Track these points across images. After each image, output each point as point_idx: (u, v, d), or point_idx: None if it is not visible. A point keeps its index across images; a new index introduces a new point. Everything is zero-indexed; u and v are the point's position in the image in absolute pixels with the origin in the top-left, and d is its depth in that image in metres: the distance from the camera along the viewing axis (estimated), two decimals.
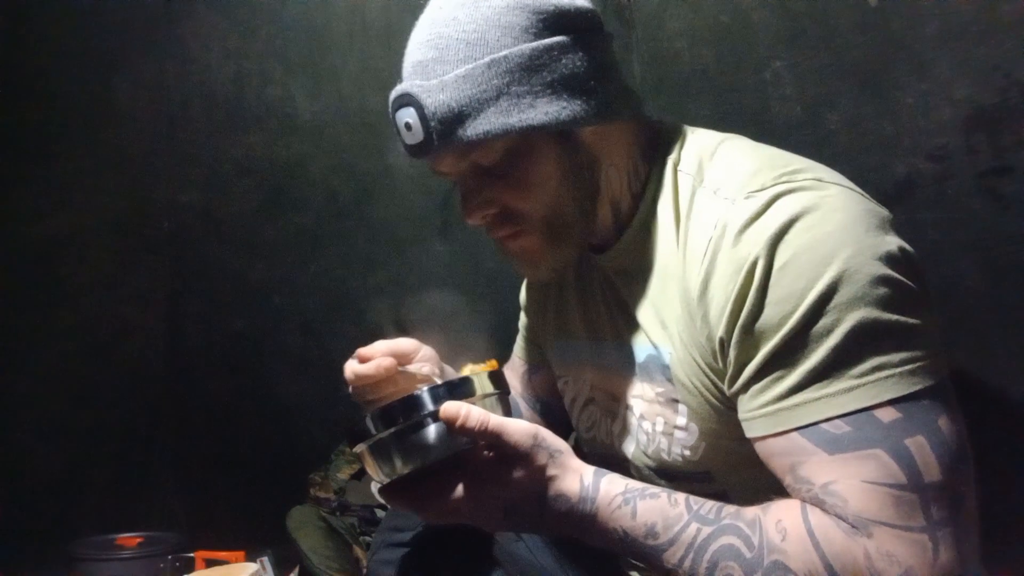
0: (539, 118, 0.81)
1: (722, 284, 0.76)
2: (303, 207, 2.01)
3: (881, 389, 0.69)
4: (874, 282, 0.70)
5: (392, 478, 0.76)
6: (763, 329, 0.73)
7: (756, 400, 0.75)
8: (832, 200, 0.75)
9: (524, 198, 0.85)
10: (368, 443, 0.75)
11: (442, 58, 0.81)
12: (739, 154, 0.85)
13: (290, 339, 2.01)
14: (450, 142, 0.81)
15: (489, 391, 0.78)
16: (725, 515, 0.73)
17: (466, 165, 0.86)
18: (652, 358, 0.87)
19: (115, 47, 2.07)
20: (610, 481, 0.76)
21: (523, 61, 0.81)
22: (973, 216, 1.16)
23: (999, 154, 1.14)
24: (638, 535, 0.74)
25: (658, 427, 0.88)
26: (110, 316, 2.07)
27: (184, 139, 2.07)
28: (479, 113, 0.80)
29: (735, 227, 0.76)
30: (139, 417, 2.08)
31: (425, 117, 0.81)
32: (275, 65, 2.01)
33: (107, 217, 2.08)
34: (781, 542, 0.70)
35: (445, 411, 0.72)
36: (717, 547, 0.71)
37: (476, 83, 0.80)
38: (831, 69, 1.30)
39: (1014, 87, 1.12)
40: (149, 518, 1.85)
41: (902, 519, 0.67)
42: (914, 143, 1.21)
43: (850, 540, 0.68)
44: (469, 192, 0.87)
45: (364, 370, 0.90)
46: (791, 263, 0.72)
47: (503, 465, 0.74)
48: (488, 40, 0.81)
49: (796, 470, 0.72)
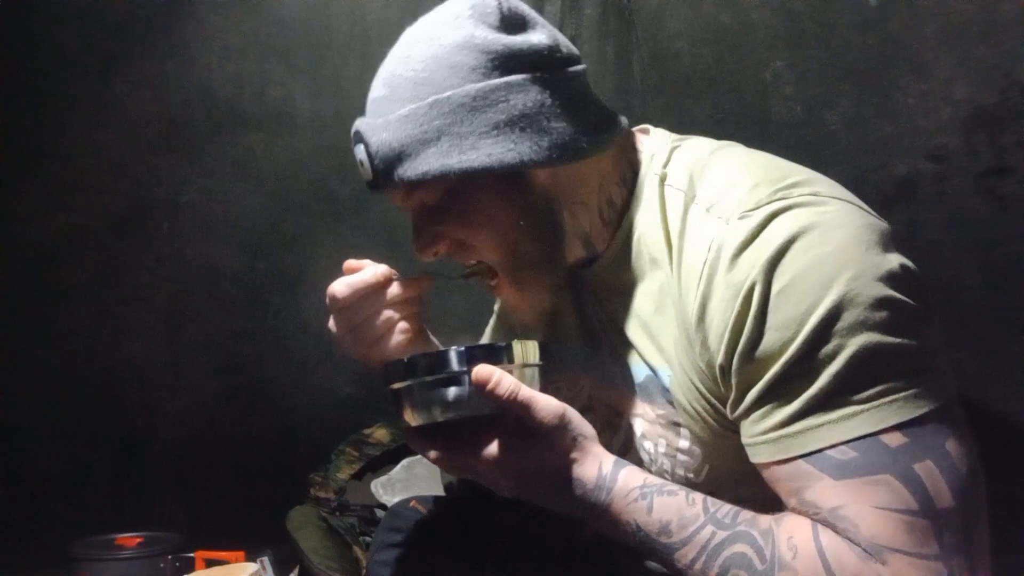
0: (480, 160, 0.79)
1: (720, 309, 0.74)
2: (303, 207, 2.01)
3: (886, 414, 0.67)
4: (876, 304, 0.68)
5: (420, 423, 0.77)
6: (763, 356, 0.71)
7: (759, 426, 0.73)
8: (830, 217, 0.72)
9: (472, 240, 0.85)
10: (404, 384, 0.76)
11: (392, 96, 0.82)
12: (732, 167, 0.82)
13: (290, 339, 2.01)
14: (391, 181, 0.82)
15: (531, 362, 0.78)
16: (741, 521, 0.72)
17: (415, 203, 0.86)
18: (651, 380, 0.86)
19: (115, 47, 2.06)
20: (629, 473, 0.75)
21: (467, 101, 0.79)
22: (973, 216, 1.16)
23: (999, 154, 1.14)
24: (652, 531, 0.73)
25: (660, 448, 0.87)
26: (110, 316, 2.07)
27: (184, 139, 2.07)
28: (419, 154, 0.80)
29: (730, 250, 0.73)
30: (139, 417, 2.08)
31: (371, 155, 0.82)
32: (275, 65, 2.01)
33: (107, 217, 2.08)
34: (792, 560, 0.69)
35: (477, 374, 0.72)
36: (730, 554, 0.70)
37: (418, 123, 0.79)
38: (831, 69, 1.30)
39: (1014, 87, 1.12)
40: (149, 518, 1.85)
41: (916, 546, 0.65)
42: (914, 143, 1.21)
43: (864, 565, 0.66)
44: (418, 229, 0.87)
45: (359, 278, 0.86)
46: (790, 287, 0.70)
47: (526, 438, 0.74)
48: (435, 80, 0.80)
49: (802, 494, 0.71)
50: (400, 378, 0.77)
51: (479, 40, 0.80)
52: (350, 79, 1.92)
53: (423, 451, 0.78)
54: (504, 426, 0.74)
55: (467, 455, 0.75)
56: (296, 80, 1.99)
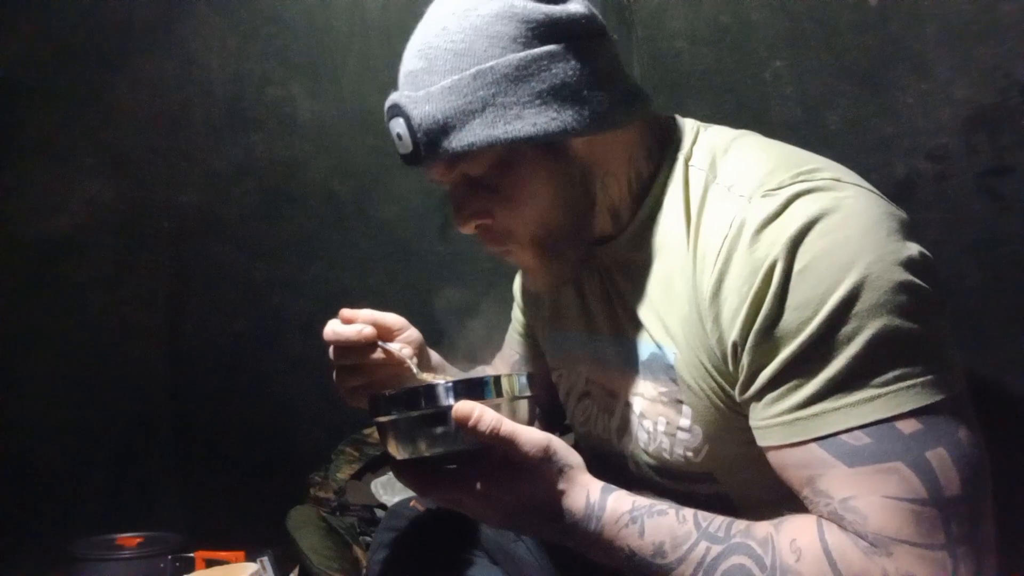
0: (526, 129, 0.79)
1: (737, 286, 0.74)
2: (303, 207, 2.01)
3: (903, 399, 0.67)
4: (896, 289, 0.68)
5: (406, 458, 0.76)
6: (781, 335, 0.71)
7: (772, 408, 0.73)
8: (852, 202, 0.72)
9: (514, 212, 0.84)
10: (389, 418, 0.76)
11: (430, 68, 0.81)
12: (754, 151, 0.83)
13: (290, 339, 2.01)
14: (435, 154, 0.81)
15: (517, 394, 0.77)
16: (735, 532, 0.72)
17: (456, 175, 0.85)
18: (655, 357, 0.86)
19: (115, 47, 2.06)
20: (617, 498, 0.75)
21: (510, 71, 0.79)
22: (973, 216, 1.16)
23: (999, 154, 1.14)
24: (646, 554, 0.73)
25: (660, 426, 0.87)
26: (110, 316, 2.07)
27: (184, 139, 2.07)
28: (464, 125, 0.79)
29: (752, 227, 0.73)
30: (139, 417, 2.08)
31: (412, 128, 0.80)
32: (275, 65, 2.01)
33: (107, 217, 2.08)
34: (795, 563, 0.68)
35: (457, 411, 0.71)
36: (727, 567, 0.70)
37: (461, 94, 0.79)
38: (831, 69, 1.30)
39: (1014, 87, 1.12)
40: (149, 518, 1.85)
41: (922, 537, 0.65)
42: (914, 143, 1.21)
43: (868, 560, 0.66)
44: (459, 202, 0.86)
45: (344, 332, 0.88)
46: (811, 267, 0.70)
47: (512, 472, 0.73)
48: (475, 50, 0.79)
49: (815, 483, 0.70)
50: (385, 412, 0.76)
51: (518, 9, 0.80)
52: (350, 79, 1.92)
53: (409, 484, 0.78)
54: (490, 460, 0.74)
55: (453, 489, 0.75)
56: (296, 80, 1.99)
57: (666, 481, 0.88)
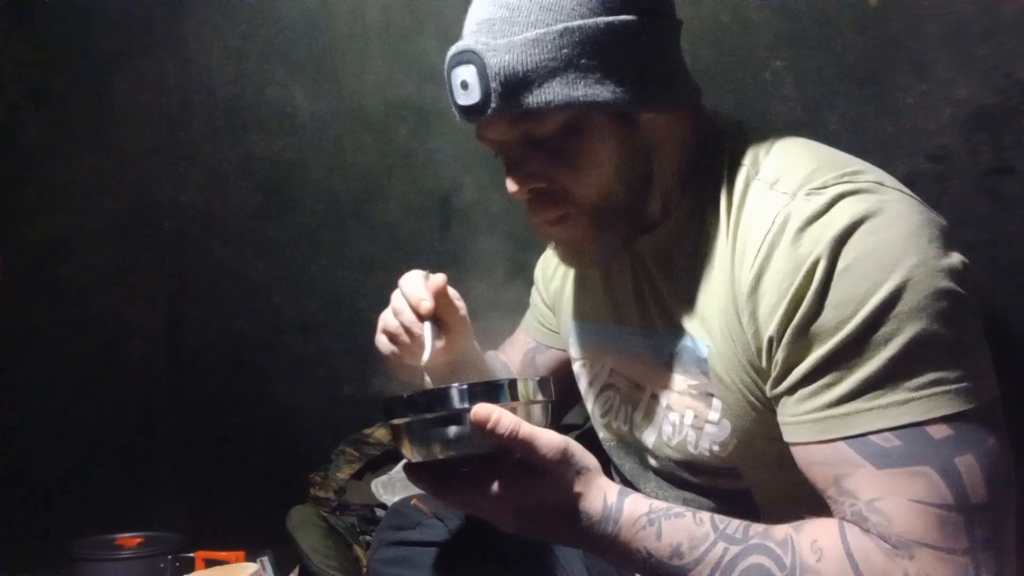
0: (604, 96, 0.77)
1: (777, 281, 0.74)
2: (303, 207, 2.01)
3: (936, 404, 0.67)
4: (937, 294, 0.68)
5: (420, 460, 0.76)
6: (818, 332, 0.71)
7: (804, 405, 0.73)
8: (895, 206, 0.73)
9: (576, 178, 0.81)
10: (404, 421, 0.75)
11: (512, 18, 0.78)
12: (797, 149, 0.83)
13: (290, 339, 2.00)
14: (508, 106, 0.78)
15: (534, 398, 0.77)
16: (753, 534, 0.71)
17: (518, 134, 0.82)
18: (687, 349, 0.85)
19: (115, 47, 2.06)
20: (634, 501, 0.75)
21: (596, 35, 0.77)
22: (973, 216, 1.16)
23: (999, 154, 1.14)
24: (663, 556, 0.72)
25: (687, 420, 0.86)
26: (110, 316, 2.07)
27: (184, 139, 2.06)
28: (545, 81, 0.77)
29: (796, 224, 0.73)
30: (139, 417, 2.08)
31: (486, 76, 0.77)
32: (275, 65, 2.00)
33: (107, 217, 2.07)
34: (816, 563, 0.68)
35: (476, 413, 0.71)
36: (745, 566, 0.70)
37: (546, 49, 0.76)
38: (831, 69, 1.30)
39: (1015, 87, 1.12)
40: (149, 518, 1.84)
41: (946, 541, 0.65)
42: (914, 143, 1.21)
43: (890, 562, 0.66)
44: (516, 163, 0.84)
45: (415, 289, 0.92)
46: (854, 266, 0.70)
47: (529, 475, 0.73)
48: (563, 6, 0.77)
49: (841, 482, 0.70)
50: (400, 414, 0.76)
51: None
52: (350, 79, 1.92)
53: (424, 487, 0.77)
54: (506, 463, 0.73)
55: (469, 492, 0.74)
56: (296, 80, 1.99)
57: (687, 475, 0.88)
